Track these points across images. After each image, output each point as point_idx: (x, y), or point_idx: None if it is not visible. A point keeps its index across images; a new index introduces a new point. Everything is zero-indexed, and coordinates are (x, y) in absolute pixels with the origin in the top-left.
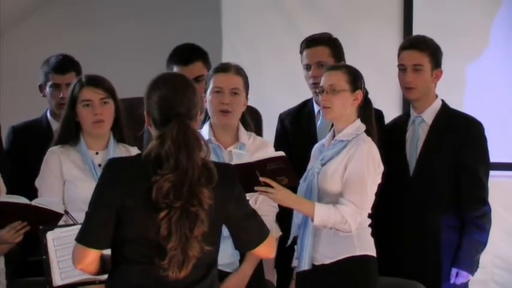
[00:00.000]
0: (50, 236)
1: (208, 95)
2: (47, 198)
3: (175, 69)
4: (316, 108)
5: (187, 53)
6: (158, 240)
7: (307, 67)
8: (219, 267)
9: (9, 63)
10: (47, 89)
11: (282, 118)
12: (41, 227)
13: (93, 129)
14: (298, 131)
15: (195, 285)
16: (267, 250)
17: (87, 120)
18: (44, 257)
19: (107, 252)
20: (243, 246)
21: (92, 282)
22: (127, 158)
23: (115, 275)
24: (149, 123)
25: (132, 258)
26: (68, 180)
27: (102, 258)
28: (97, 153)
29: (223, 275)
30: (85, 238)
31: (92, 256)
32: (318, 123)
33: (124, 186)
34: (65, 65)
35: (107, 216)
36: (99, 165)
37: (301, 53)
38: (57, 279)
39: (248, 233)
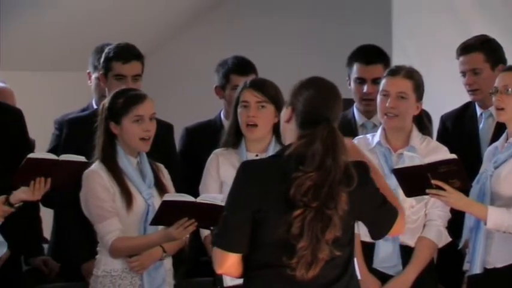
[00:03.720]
0: None
1: (377, 97)
2: (211, 194)
3: (355, 66)
4: (478, 110)
5: (371, 54)
6: (288, 239)
7: (463, 74)
8: (381, 269)
9: (182, 64)
10: (226, 91)
11: (444, 120)
12: (212, 228)
13: (246, 131)
14: (460, 133)
15: (331, 285)
16: (398, 229)
17: (242, 121)
18: None
19: None
20: (378, 235)
21: None
22: (261, 159)
23: (251, 281)
24: (289, 119)
25: (268, 262)
26: (224, 182)
27: None
28: (257, 155)
29: (386, 277)
30: (222, 241)
31: (232, 260)
32: (481, 125)
33: (259, 188)
34: (246, 66)
35: (242, 219)
36: None
37: (457, 59)
38: (228, 279)
39: (381, 221)
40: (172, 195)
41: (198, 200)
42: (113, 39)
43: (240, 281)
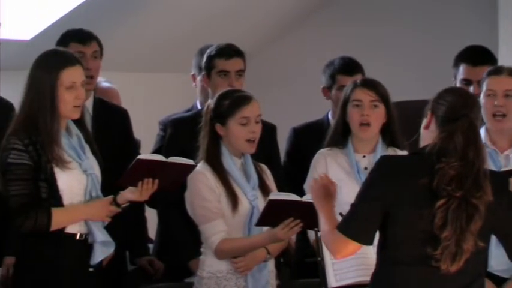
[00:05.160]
0: None
1: (481, 99)
2: None
3: (461, 67)
4: None
5: (479, 55)
6: (432, 230)
7: None
8: (496, 273)
9: (287, 65)
10: (333, 92)
11: None
12: (315, 229)
13: (359, 131)
14: None
15: (472, 284)
16: None
17: (355, 120)
18: (319, 258)
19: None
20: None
21: (365, 285)
22: (399, 156)
23: (383, 277)
24: (428, 124)
25: (398, 258)
26: None
27: None
28: (364, 156)
29: (500, 281)
30: (347, 228)
31: (352, 248)
32: None
33: (395, 182)
34: (353, 66)
35: (372, 210)
36: (365, 168)
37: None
38: (332, 281)
39: None
40: (279, 194)
41: (304, 199)
42: (218, 41)
43: (345, 282)
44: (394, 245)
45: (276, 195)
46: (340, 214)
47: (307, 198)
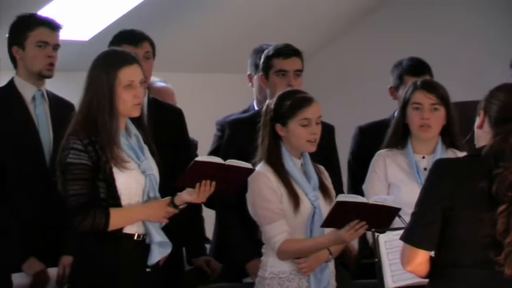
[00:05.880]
0: (382, 239)
1: None
2: (382, 196)
3: None
4: None
5: None
6: (493, 235)
7: None
8: None
9: (345, 65)
10: (400, 92)
11: None
12: (372, 230)
13: (420, 133)
14: None
15: None
16: None
17: (415, 122)
18: (377, 259)
19: None
20: None
21: (422, 286)
22: (455, 158)
23: (443, 278)
24: (481, 124)
25: (457, 262)
26: (393, 183)
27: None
28: (423, 157)
29: None
30: (411, 238)
31: (421, 257)
32: None
33: (453, 186)
34: (420, 66)
35: (433, 216)
36: (425, 169)
37: None
38: (389, 282)
39: None
40: (347, 196)
41: (371, 201)
42: (275, 41)
43: (402, 283)
44: (453, 247)
45: (344, 197)
46: (399, 216)
47: (374, 200)
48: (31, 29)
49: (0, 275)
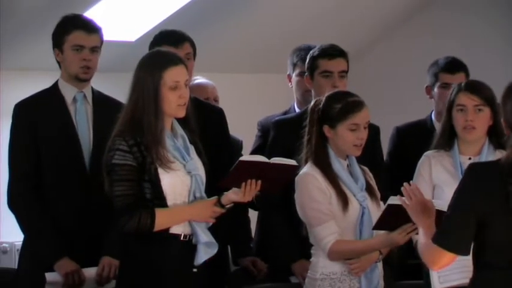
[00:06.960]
0: None
1: None
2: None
3: None
4: None
5: None
6: None
7: None
8: None
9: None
10: (435, 90)
11: None
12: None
13: (464, 134)
14: None
15: None
16: None
17: (459, 124)
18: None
19: None
20: None
21: None
22: (489, 162)
23: (482, 282)
24: (507, 130)
25: (494, 264)
26: (437, 185)
27: None
28: (470, 158)
29: None
30: (442, 239)
31: (448, 259)
32: None
33: (485, 189)
34: (455, 64)
35: (464, 220)
36: None
37: None
38: (436, 283)
39: None
40: (397, 199)
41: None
42: (319, 42)
43: (448, 284)
44: (491, 251)
45: (394, 200)
46: None
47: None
48: (68, 32)
49: (32, 272)
